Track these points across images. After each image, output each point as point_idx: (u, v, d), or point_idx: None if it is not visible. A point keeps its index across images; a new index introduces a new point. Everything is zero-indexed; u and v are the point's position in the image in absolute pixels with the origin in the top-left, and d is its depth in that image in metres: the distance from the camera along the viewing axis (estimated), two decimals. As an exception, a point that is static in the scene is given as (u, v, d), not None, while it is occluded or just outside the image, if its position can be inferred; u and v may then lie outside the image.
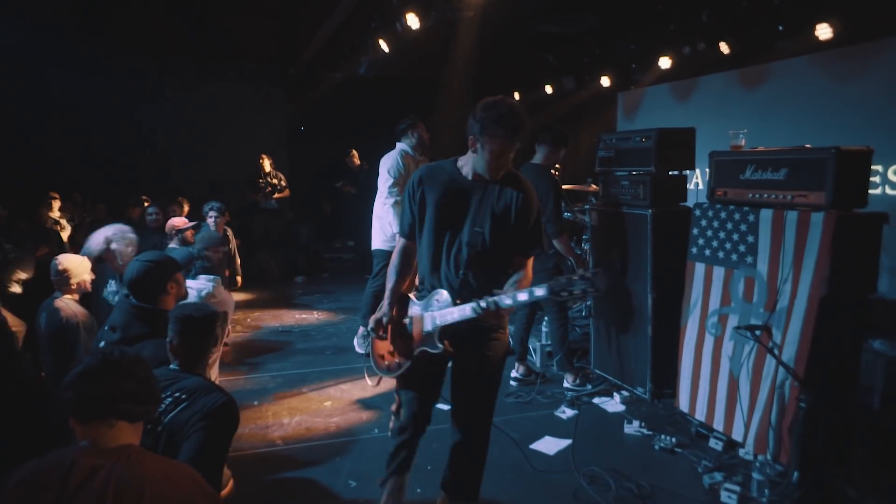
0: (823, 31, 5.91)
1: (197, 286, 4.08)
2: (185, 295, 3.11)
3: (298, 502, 3.16)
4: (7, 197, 7.53)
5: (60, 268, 3.45)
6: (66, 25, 8.16)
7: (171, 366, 2.35)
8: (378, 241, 5.31)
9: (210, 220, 5.65)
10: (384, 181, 5.21)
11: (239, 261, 6.82)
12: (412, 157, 5.25)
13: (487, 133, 2.40)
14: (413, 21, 5.99)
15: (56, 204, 7.42)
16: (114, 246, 3.98)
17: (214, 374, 4.18)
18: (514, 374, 4.71)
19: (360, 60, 8.20)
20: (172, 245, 5.09)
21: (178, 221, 5.38)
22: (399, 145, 5.28)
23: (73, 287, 3.47)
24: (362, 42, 7.56)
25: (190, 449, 2.09)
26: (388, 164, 5.20)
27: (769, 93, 7.06)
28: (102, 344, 2.74)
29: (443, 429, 3.92)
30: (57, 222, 7.17)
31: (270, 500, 3.16)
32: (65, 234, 7.05)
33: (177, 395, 2.18)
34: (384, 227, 5.23)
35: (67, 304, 3.40)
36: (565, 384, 4.61)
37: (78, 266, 3.52)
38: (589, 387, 4.57)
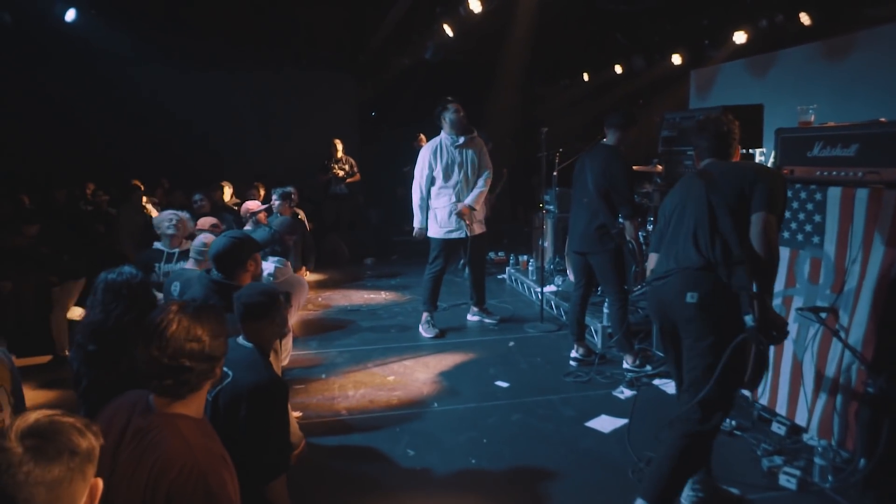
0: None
1: (266, 267, 4.34)
2: (261, 274, 3.35)
3: (361, 467, 3.35)
4: (102, 185, 8.20)
5: (205, 247, 3.75)
6: (146, 18, 8.66)
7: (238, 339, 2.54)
8: (433, 229, 5.52)
9: (274, 206, 5.95)
10: (416, 172, 5.50)
11: (313, 248, 7.18)
12: (446, 140, 5.40)
13: None
14: (475, 4, 6.03)
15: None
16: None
17: (288, 347, 4.46)
18: (573, 354, 4.74)
19: (426, 45, 8.30)
20: (247, 228, 5.41)
21: (252, 205, 5.71)
22: (439, 136, 5.47)
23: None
24: (428, 27, 7.66)
25: (239, 423, 2.27)
26: (424, 153, 5.45)
27: (856, 65, 6.64)
28: None
29: (501, 405, 4.06)
30: (143, 207, 7.72)
31: (335, 464, 3.36)
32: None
33: (225, 368, 2.29)
34: (436, 215, 5.45)
35: None
36: (625, 365, 4.60)
37: None
38: (649, 368, 4.54)
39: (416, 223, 5.63)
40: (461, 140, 5.38)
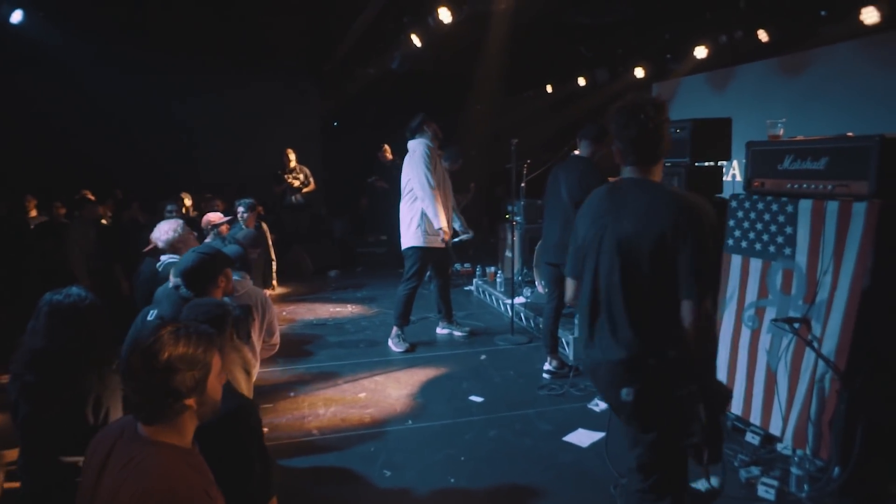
0: (869, 15, 5.72)
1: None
2: (233, 290, 3.20)
3: (335, 489, 3.22)
4: (47, 196, 7.81)
5: None
6: (105, 25, 8.38)
7: None
8: (416, 239, 5.28)
9: (240, 217, 5.78)
10: (417, 172, 5.17)
11: (275, 261, 6.97)
12: (432, 148, 5.27)
13: None
14: (445, 15, 6.00)
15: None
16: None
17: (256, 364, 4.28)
18: (546, 366, 4.70)
19: (393, 55, 8.24)
20: (208, 240, 5.22)
21: (214, 216, 5.51)
22: (421, 140, 5.28)
23: None
24: (395, 37, 7.61)
25: (217, 456, 2.14)
26: (418, 157, 5.19)
27: (811, 81, 6.88)
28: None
29: (477, 420, 3.98)
30: (100, 219, 7.40)
31: (309, 487, 3.23)
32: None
33: None
34: (419, 224, 5.24)
35: None
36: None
37: None
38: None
39: (438, 223, 5.16)
40: (440, 154, 5.35)
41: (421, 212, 5.21)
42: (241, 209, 5.80)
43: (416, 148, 5.26)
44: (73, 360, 2.34)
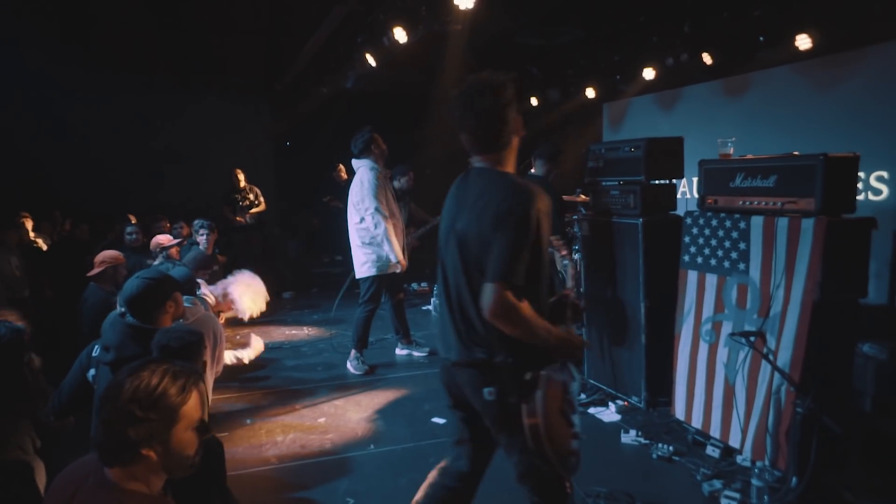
0: (803, 42, 6.02)
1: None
2: (183, 314, 3.07)
3: None
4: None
5: None
6: (51, 45, 8.09)
7: None
8: (369, 267, 5.18)
9: (201, 239, 5.60)
10: (368, 203, 5.03)
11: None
12: (380, 172, 5.16)
13: None
14: (400, 35, 6.01)
15: (29, 224, 7.27)
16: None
17: (209, 390, 4.12)
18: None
19: (347, 75, 8.21)
20: (156, 263, 5.03)
21: (164, 239, 5.32)
22: (366, 162, 5.13)
23: None
24: (349, 56, 7.58)
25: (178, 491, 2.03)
26: (368, 186, 5.04)
27: (753, 101, 7.18)
28: (92, 368, 2.68)
29: (441, 443, 3.91)
30: (34, 242, 7.05)
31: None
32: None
33: None
34: (377, 251, 5.13)
35: None
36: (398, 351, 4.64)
37: None
38: (583, 396, 4.56)
39: (395, 256, 5.09)
40: (387, 173, 5.29)
41: (370, 239, 5.11)
42: (202, 231, 5.61)
43: (364, 176, 5.09)
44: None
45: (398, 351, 5.83)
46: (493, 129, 2.07)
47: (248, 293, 4.01)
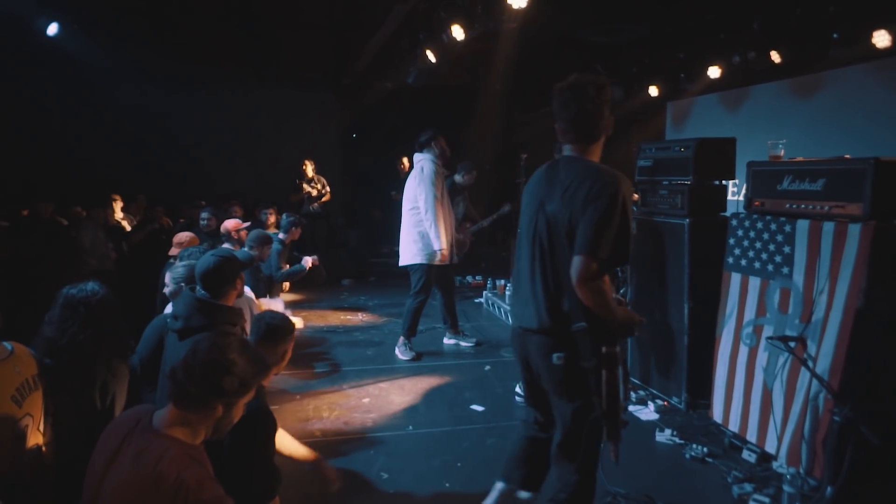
0: (881, 39, 5.76)
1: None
2: (243, 293, 3.33)
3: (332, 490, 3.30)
4: (73, 201, 8.07)
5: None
6: (132, 37, 8.69)
7: None
8: (421, 255, 5.37)
9: (281, 235, 6.02)
10: (424, 190, 5.24)
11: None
12: (440, 167, 5.35)
13: None
14: (458, 32, 6.15)
15: (118, 205, 7.87)
16: None
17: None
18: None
19: (409, 70, 8.42)
20: (226, 246, 5.38)
21: (231, 224, 5.67)
22: (426, 156, 5.35)
23: None
24: (411, 52, 7.78)
25: (223, 448, 2.26)
26: (427, 174, 5.26)
27: (823, 102, 6.90)
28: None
29: (476, 429, 4.05)
30: (118, 223, 7.64)
31: (308, 488, 3.32)
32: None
33: None
34: (426, 240, 5.32)
35: None
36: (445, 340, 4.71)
37: None
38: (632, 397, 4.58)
39: (438, 244, 5.26)
40: (446, 173, 5.45)
41: (421, 227, 5.32)
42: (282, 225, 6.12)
43: (424, 165, 5.32)
44: (81, 351, 2.47)
45: (446, 340, 5.99)
46: (589, 122, 2.34)
47: None
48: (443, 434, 3.97)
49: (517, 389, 4.45)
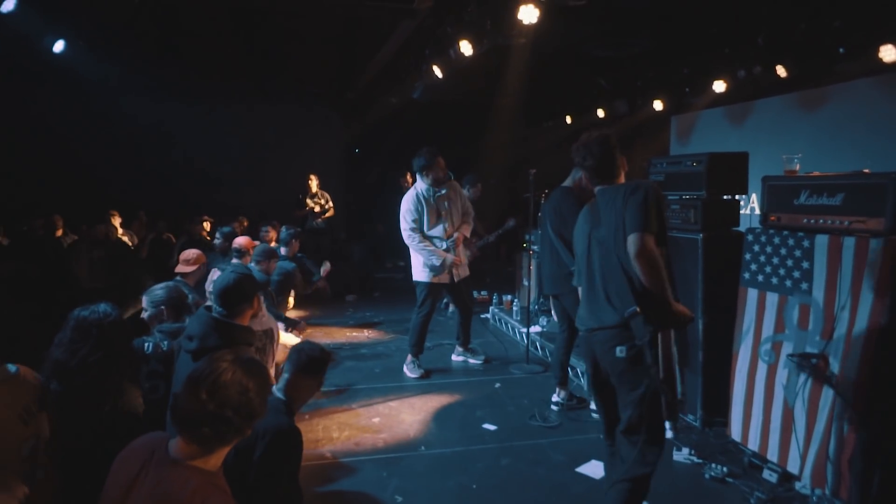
0: (888, 53, 5.75)
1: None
2: (259, 312, 3.27)
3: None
4: (75, 216, 8.04)
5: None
6: (136, 50, 8.71)
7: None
8: (421, 273, 5.42)
9: (281, 250, 6.00)
10: (403, 227, 5.41)
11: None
12: (429, 192, 5.32)
13: None
14: (466, 48, 6.14)
15: (117, 220, 7.81)
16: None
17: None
18: (554, 398, 4.68)
19: (415, 85, 8.42)
20: (235, 261, 5.32)
21: (245, 240, 5.62)
22: (417, 184, 5.41)
23: None
24: (417, 68, 7.78)
25: (252, 466, 2.22)
26: (404, 207, 5.38)
27: (830, 116, 6.88)
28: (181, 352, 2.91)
29: (490, 448, 3.98)
30: (120, 240, 7.58)
31: (319, 511, 3.25)
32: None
33: None
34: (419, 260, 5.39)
35: None
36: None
37: None
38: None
39: (435, 261, 5.29)
40: (442, 191, 5.37)
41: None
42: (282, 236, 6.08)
43: (408, 194, 5.42)
44: (91, 373, 2.41)
45: (454, 357, 5.93)
46: (606, 167, 2.90)
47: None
48: (456, 455, 3.90)
49: (592, 406, 4.44)
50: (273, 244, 6.57)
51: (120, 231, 7.80)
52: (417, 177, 5.39)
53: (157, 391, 2.88)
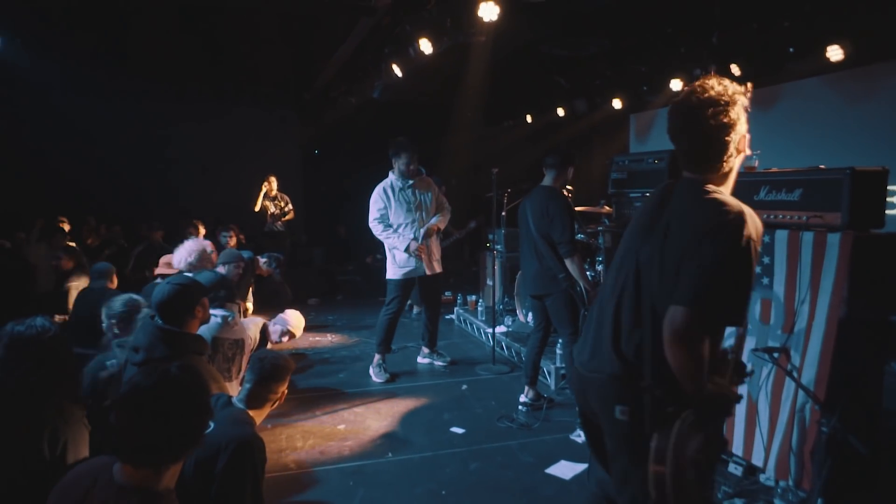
0: (835, 53, 5.92)
1: (220, 312, 4.07)
2: (209, 319, 3.15)
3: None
4: (24, 221, 7.67)
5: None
6: (85, 50, 8.37)
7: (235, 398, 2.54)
8: (391, 270, 5.40)
9: (265, 266, 5.87)
10: (370, 216, 5.39)
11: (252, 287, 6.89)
12: (401, 183, 5.33)
13: None
14: (426, 46, 6.08)
15: (66, 227, 7.47)
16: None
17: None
18: (522, 398, 4.65)
19: (374, 85, 8.30)
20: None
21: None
22: (389, 176, 5.40)
23: None
24: (375, 67, 7.67)
25: (213, 479, 2.12)
26: (372, 202, 5.36)
27: (782, 113, 7.07)
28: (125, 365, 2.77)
29: (458, 453, 3.92)
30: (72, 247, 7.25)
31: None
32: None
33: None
34: (394, 256, 5.36)
35: None
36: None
37: None
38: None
39: (402, 245, 5.24)
40: (410, 182, 5.33)
41: (391, 245, 5.36)
42: (262, 260, 5.95)
43: (378, 185, 5.38)
44: (30, 394, 2.24)
45: (420, 359, 5.85)
46: (711, 150, 1.90)
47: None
48: (424, 460, 3.83)
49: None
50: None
51: (68, 238, 7.45)
52: (392, 168, 5.39)
53: None
